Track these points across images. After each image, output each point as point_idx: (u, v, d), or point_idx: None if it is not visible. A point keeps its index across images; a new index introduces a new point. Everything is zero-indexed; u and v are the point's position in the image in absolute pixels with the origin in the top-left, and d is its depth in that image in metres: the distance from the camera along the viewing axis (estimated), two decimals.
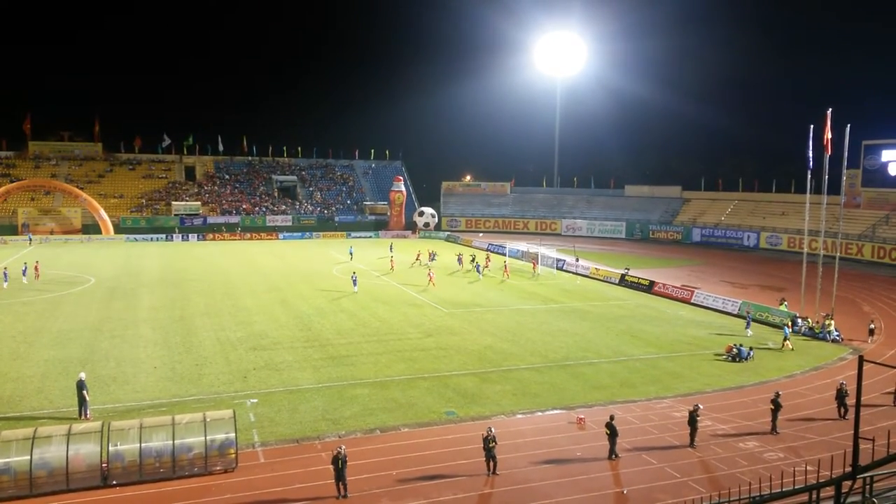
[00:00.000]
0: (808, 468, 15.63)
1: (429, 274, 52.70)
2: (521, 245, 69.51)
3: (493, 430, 19.46)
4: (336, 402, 24.82)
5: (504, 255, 69.38)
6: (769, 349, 34.06)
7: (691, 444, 21.44)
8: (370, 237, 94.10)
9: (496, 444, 19.12)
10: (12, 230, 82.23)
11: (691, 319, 41.14)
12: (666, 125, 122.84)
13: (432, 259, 64.70)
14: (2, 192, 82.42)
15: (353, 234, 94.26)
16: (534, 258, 61.50)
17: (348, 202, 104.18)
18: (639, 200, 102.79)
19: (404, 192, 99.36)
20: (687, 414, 21.90)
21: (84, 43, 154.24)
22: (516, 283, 53.47)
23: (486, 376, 28.31)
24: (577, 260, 62.52)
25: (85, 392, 22.60)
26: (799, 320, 38.07)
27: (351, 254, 67.86)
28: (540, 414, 24.22)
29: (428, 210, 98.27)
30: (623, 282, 53.79)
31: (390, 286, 50.60)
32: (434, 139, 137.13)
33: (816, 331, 36.85)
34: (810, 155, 38.28)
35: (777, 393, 23.33)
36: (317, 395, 25.47)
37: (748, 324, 37.38)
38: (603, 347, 33.67)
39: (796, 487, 11.98)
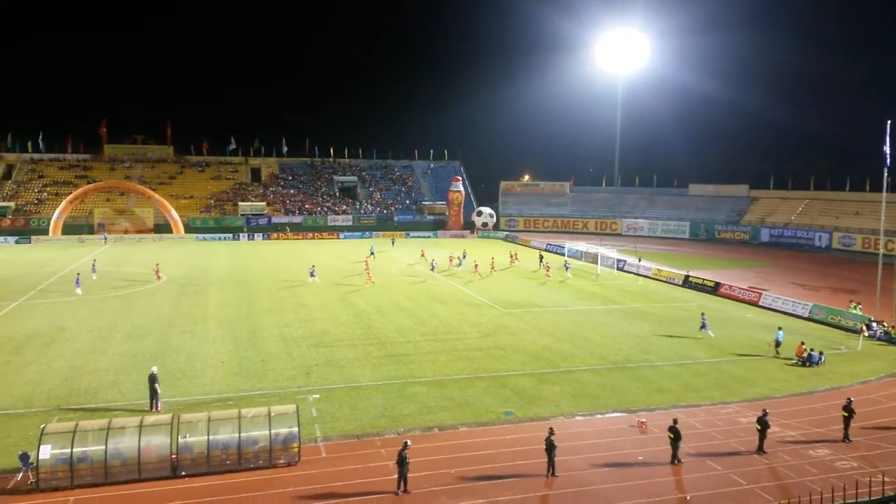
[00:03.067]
0: (886, 479, 14.93)
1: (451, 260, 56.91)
2: (581, 245, 68.64)
3: (553, 429, 19.34)
4: (395, 399, 25.11)
5: (563, 255, 68.78)
6: (841, 353, 32.65)
7: (759, 451, 20.77)
8: (429, 237, 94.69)
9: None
10: (89, 229, 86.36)
11: (759, 322, 39.81)
12: (732, 122, 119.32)
13: (462, 260, 63.54)
14: (79, 194, 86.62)
15: (412, 233, 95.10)
16: (547, 263, 60.06)
17: (407, 202, 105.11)
18: (703, 199, 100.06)
19: (463, 192, 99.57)
20: (754, 419, 21.23)
21: (156, 50, 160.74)
22: (575, 284, 52.87)
23: (544, 377, 28.12)
24: (640, 260, 61.37)
25: (157, 385, 23.58)
26: (874, 324, 36.34)
27: (372, 253, 68.55)
28: (600, 416, 23.91)
29: (486, 210, 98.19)
30: (687, 283, 52.48)
31: (448, 285, 50.81)
32: (493, 139, 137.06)
33: (893, 335, 35.09)
34: (887, 151, 36.53)
35: (849, 399, 22.36)
36: (376, 393, 25.83)
37: (703, 325, 35.92)
38: (665, 350, 32.95)
39: (872, 499, 11.48)
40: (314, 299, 44.36)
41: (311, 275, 50.89)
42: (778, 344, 32.17)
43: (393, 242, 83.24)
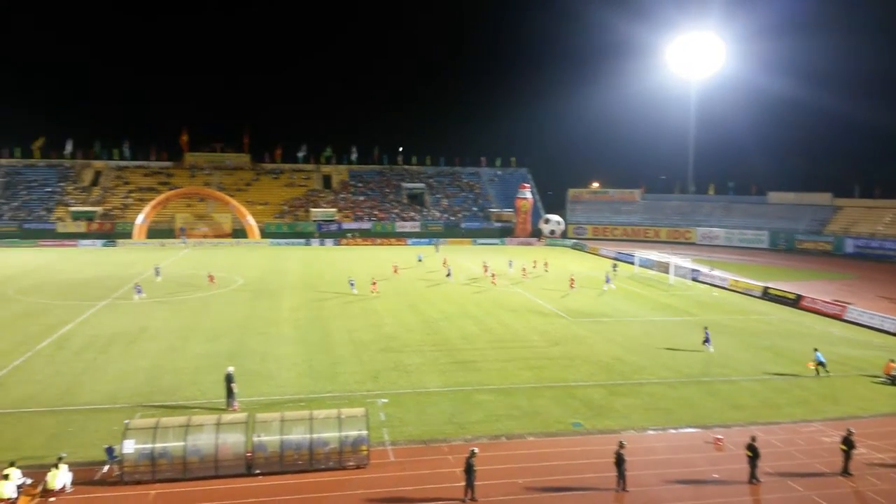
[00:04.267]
0: None
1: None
2: (652, 254, 67.01)
3: (623, 443, 18.91)
4: (462, 406, 25.11)
5: (633, 264, 67.33)
6: None
7: (844, 473, 19.70)
8: (496, 244, 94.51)
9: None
10: (170, 234, 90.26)
11: (843, 337, 37.85)
12: (814, 127, 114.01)
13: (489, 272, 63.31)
14: (162, 199, 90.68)
15: (479, 240, 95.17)
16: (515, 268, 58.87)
17: (474, 209, 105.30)
18: (783, 208, 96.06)
19: (530, 200, 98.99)
20: (838, 439, 20.15)
21: (234, 63, 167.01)
22: (647, 294, 51.65)
23: (614, 388, 27.54)
24: (711, 270, 59.54)
25: (233, 385, 24.36)
26: None
27: (420, 260, 68.73)
28: (673, 431, 23.21)
29: (554, 217, 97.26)
30: (766, 295, 50.42)
31: (515, 293, 50.53)
32: (561, 146, 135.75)
33: None
34: None
35: None
36: (444, 399, 25.89)
37: (706, 339, 34.12)
38: (742, 364, 31.72)
39: None
40: (382, 304, 44.91)
41: (352, 285, 50.05)
42: (820, 364, 30.27)
43: (437, 249, 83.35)
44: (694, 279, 58.49)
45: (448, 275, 57.61)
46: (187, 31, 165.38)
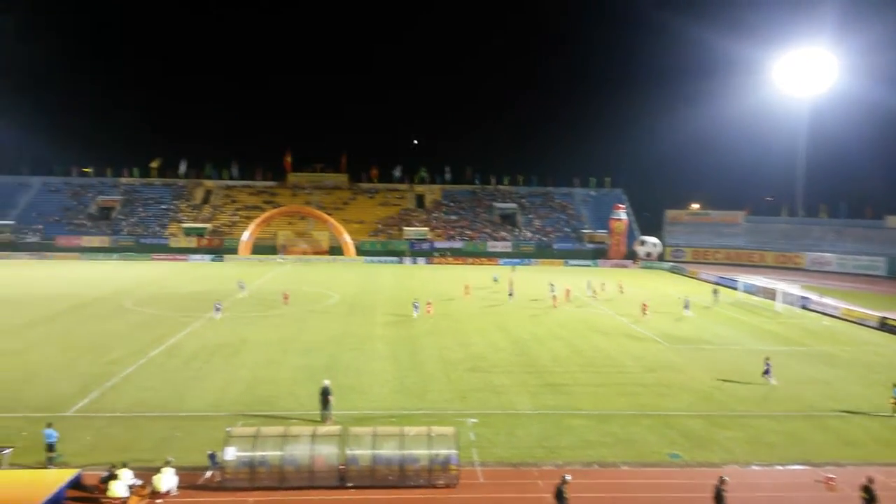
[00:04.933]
0: None
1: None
2: (758, 279, 63.74)
3: (725, 478, 17.96)
4: (553, 430, 24.65)
5: (735, 289, 64.28)
6: None
7: None
8: (588, 266, 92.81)
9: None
10: (273, 250, 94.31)
11: None
12: None
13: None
14: (266, 217, 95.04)
15: (571, 261, 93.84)
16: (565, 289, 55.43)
17: (567, 230, 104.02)
18: None
19: (625, 221, 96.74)
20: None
21: (333, 87, 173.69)
22: (750, 321, 49.12)
23: (714, 419, 26.26)
24: (822, 297, 55.93)
25: (330, 397, 25.03)
26: None
27: (496, 280, 67.82)
28: (780, 468, 21.83)
29: (650, 239, 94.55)
30: (884, 327, 46.78)
31: (607, 316, 49.32)
32: (658, 166, 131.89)
33: None
34: None
35: None
36: (534, 422, 25.52)
37: (766, 371, 31.41)
38: (857, 398, 29.50)
39: None
40: (471, 324, 44.96)
41: (416, 307, 48.24)
42: None
43: (513, 269, 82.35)
44: (803, 307, 55.15)
45: (510, 294, 56.98)
46: (293, 63, 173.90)
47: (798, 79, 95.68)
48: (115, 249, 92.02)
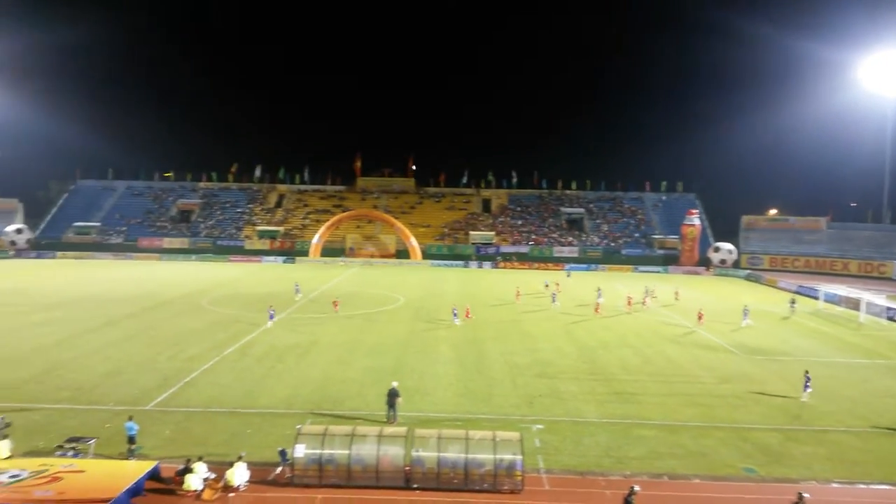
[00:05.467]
0: None
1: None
2: (840, 289, 60.67)
3: (805, 495, 17.15)
4: (621, 439, 24.14)
5: (816, 298, 61.40)
6: None
7: None
8: (658, 272, 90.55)
9: None
10: (341, 253, 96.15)
11: None
12: None
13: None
14: (335, 221, 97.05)
15: (641, 268, 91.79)
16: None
17: (636, 235, 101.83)
18: None
19: (698, 226, 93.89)
20: None
21: (401, 94, 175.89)
22: (832, 332, 46.80)
23: (791, 434, 25.12)
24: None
25: (398, 399, 25.32)
26: None
27: (547, 285, 66.57)
28: (863, 487, 20.69)
29: (725, 246, 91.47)
30: None
31: (680, 326, 47.95)
32: (733, 171, 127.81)
33: None
34: None
35: None
36: (601, 430, 25.06)
37: (806, 385, 29.22)
38: None
39: None
40: (538, 329, 44.57)
41: (455, 314, 46.65)
42: None
43: (568, 274, 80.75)
44: (890, 318, 52.16)
45: (553, 301, 55.89)
46: (368, 74, 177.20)
47: (883, 79, 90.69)
48: (194, 251, 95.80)
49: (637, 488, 17.71)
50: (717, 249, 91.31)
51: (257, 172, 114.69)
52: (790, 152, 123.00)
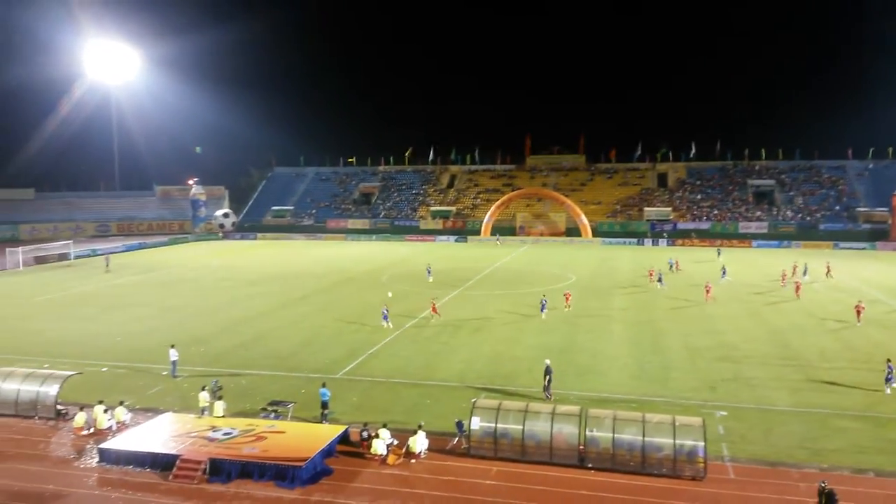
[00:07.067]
0: None
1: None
2: None
3: None
4: (817, 430, 22.18)
5: None
6: None
7: None
8: (863, 248, 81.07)
9: None
10: (511, 231, 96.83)
11: None
12: None
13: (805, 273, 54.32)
14: (505, 200, 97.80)
15: (842, 244, 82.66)
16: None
17: (836, 208, 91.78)
18: None
19: None
20: None
21: (572, 71, 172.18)
22: None
23: None
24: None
25: (550, 375, 25.40)
26: None
27: (671, 265, 60.80)
28: None
29: None
30: None
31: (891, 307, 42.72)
32: None
33: None
34: None
35: None
36: (794, 420, 23.19)
37: (888, 377, 24.26)
38: None
39: None
40: (720, 310, 41.96)
41: (543, 305, 41.17)
42: None
43: (718, 253, 73.15)
44: None
45: (659, 281, 51.24)
46: (537, 55, 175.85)
47: None
48: (374, 231, 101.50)
49: (825, 483, 16.29)
50: None
51: (430, 154, 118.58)
52: None
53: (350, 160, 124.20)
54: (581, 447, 19.83)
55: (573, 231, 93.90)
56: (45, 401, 24.25)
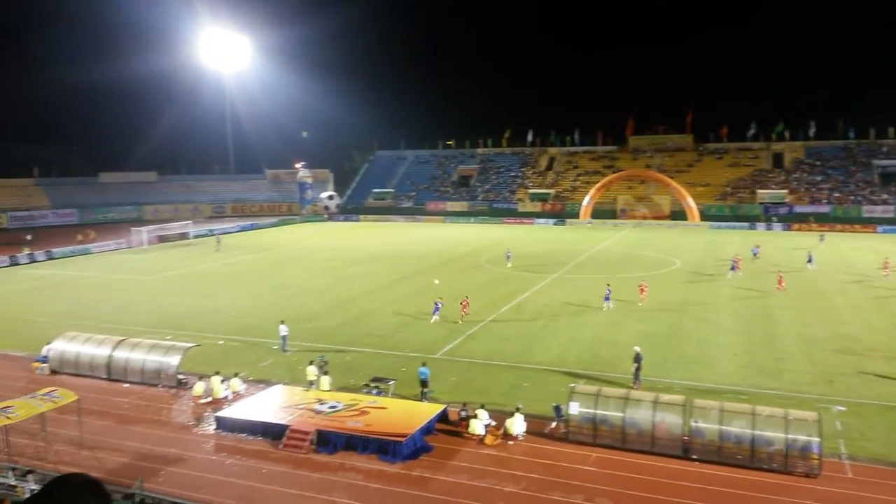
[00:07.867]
0: None
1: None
2: None
3: None
4: None
5: None
6: None
7: None
8: None
9: None
10: (612, 215, 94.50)
11: None
12: None
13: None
14: (606, 182, 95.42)
15: None
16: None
17: None
18: None
19: None
20: None
21: (681, 48, 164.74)
22: None
23: None
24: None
25: (639, 363, 24.86)
26: None
27: (755, 255, 55.46)
28: None
29: None
30: None
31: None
32: None
33: None
34: None
35: None
36: None
37: None
38: None
39: None
40: (842, 300, 39.35)
41: (607, 297, 38.81)
42: None
43: (822, 238, 67.05)
44: None
45: (733, 268, 47.49)
46: (637, 31, 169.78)
47: None
48: (473, 213, 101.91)
49: None
50: None
51: (529, 136, 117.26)
52: None
53: (449, 143, 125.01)
54: (685, 438, 19.26)
55: (678, 215, 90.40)
56: (167, 370, 26.20)
